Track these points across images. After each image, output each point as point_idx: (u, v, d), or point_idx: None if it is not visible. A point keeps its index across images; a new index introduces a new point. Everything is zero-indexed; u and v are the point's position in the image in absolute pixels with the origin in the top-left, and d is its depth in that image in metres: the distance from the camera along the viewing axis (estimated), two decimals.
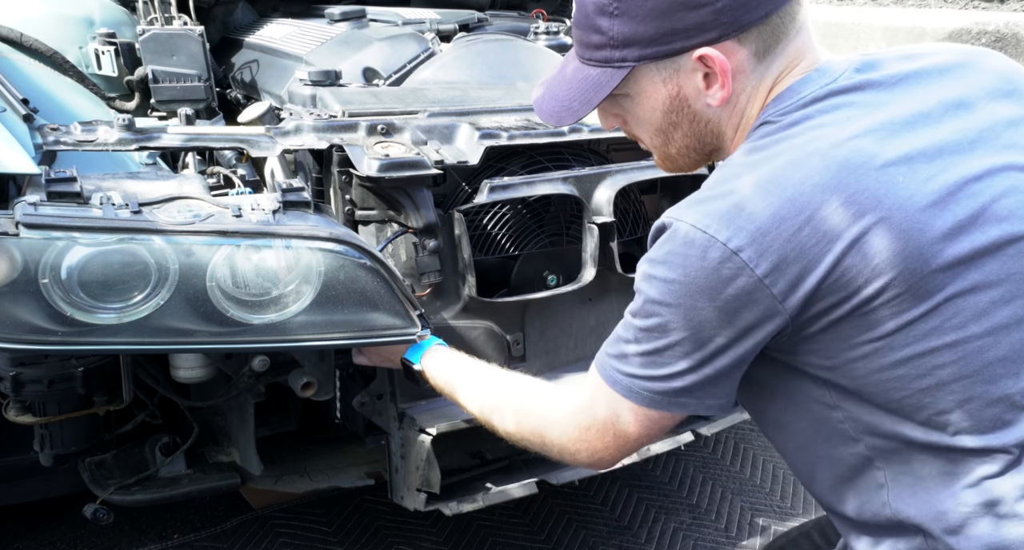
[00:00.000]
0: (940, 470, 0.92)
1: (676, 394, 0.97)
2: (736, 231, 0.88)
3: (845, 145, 0.90)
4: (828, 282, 0.87)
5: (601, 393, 1.03)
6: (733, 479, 2.45)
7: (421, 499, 1.61)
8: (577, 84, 1.05)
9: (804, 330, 0.91)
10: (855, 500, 0.99)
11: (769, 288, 0.88)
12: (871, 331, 0.89)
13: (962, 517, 0.91)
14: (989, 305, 0.89)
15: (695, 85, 0.99)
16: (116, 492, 1.65)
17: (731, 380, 0.97)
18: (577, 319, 1.80)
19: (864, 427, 0.95)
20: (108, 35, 2.07)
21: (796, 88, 0.97)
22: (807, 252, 0.87)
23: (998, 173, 0.92)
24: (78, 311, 1.21)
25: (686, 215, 0.92)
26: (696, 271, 0.90)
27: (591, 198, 1.71)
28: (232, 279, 1.27)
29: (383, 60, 1.99)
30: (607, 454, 1.07)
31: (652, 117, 1.05)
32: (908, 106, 0.95)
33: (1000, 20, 4.12)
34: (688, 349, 0.94)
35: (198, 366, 1.53)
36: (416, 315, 1.38)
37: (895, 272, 0.86)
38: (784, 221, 0.87)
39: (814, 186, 0.88)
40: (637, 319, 0.97)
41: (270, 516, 2.21)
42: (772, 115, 0.97)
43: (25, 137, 1.40)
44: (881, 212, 0.87)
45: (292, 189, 1.37)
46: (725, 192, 0.91)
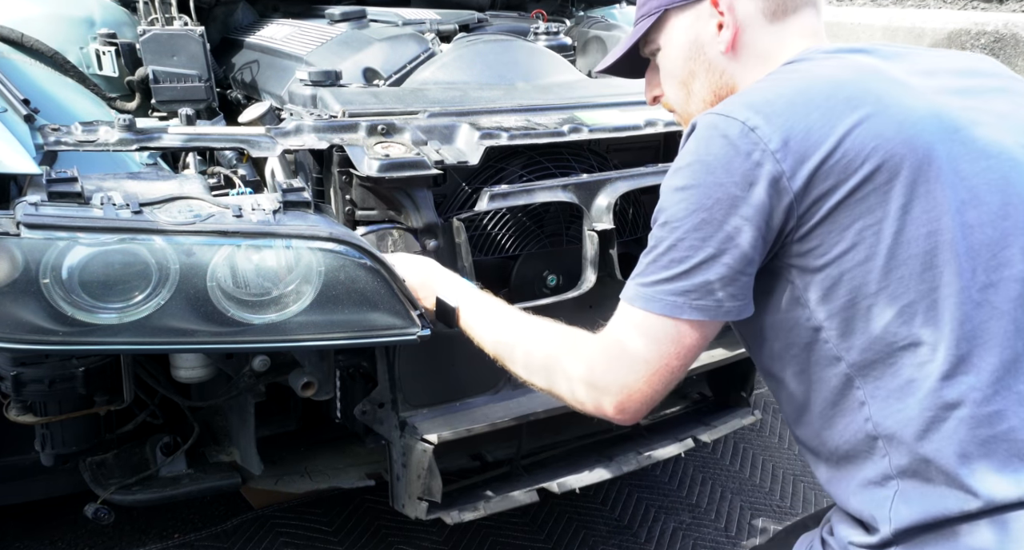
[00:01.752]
0: (908, 377, 1.00)
1: (698, 294, 1.01)
2: (754, 113, 0.99)
3: (856, 61, 1.07)
4: (829, 162, 0.97)
5: (624, 316, 1.07)
6: (733, 479, 2.45)
7: (422, 507, 1.61)
8: (624, 40, 1.27)
9: (804, 222, 0.99)
10: (840, 424, 1.06)
11: (779, 163, 0.97)
12: (863, 218, 0.98)
13: (927, 421, 0.98)
14: (960, 204, 0.99)
15: (710, 31, 1.15)
16: (117, 492, 1.65)
17: (747, 277, 1.02)
18: (578, 325, 1.79)
19: (845, 341, 1.02)
20: (109, 35, 2.07)
21: (811, 49, 1.12)
22: (813, 133, 0.97)
23: (977, 110, 1.05)
24: (79, 311, 1.21)
25: (712, 109, 1.03)
26: (716, 147, 0.99)
27: (591, 205, 1.71)
28: (232, 279, 1.28)
29: (383, 60, 1.99)
30: (637, 389, 1.05)
31: (676, 67, 1.20)
32: (910, 66, 1.09)
33: (999, 20, 4.13)
34: (706, 233, 0.99)
35: (198, 366, 1.53)
36: (416, 315, 1.38)
37: (885, 157, 0.97)
38: (795, 106, 0.99)
39: (824, 81, 1.02)
40: (659, 217, 1.04)
41: (270, 516, 2.21)
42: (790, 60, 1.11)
43: (26, 137, 1.40)
44: (880, 106, 0.99)
45: (292, 189, 1.37)
46: (750, 91, 1.05)
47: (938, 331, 0.98)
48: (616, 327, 1.09)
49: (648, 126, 1.78)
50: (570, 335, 1.17)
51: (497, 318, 1.29)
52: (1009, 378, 0.98)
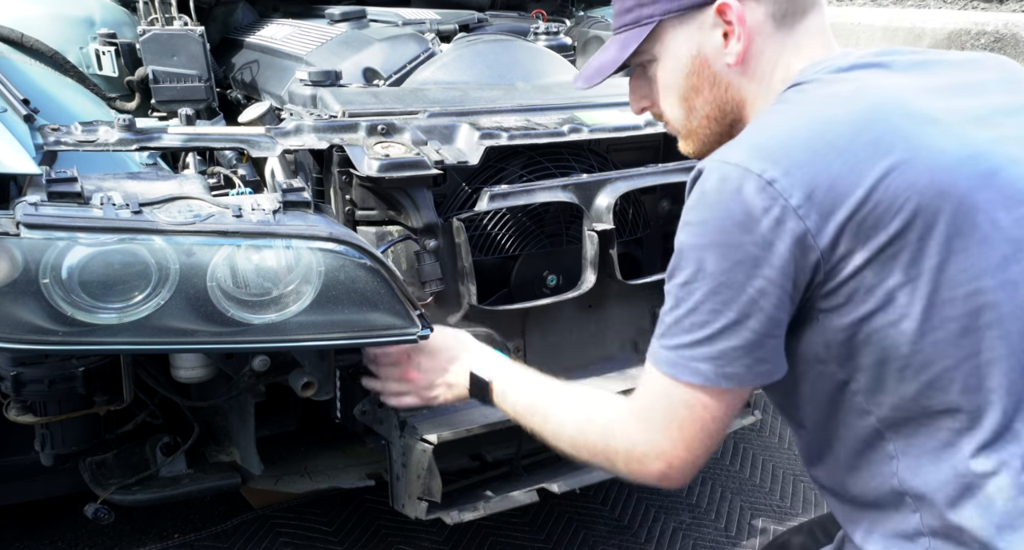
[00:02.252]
0: (943, 441, 0.93)
1: (725, 360, 0.94)
2: (771, 164, 0.89)
3: (875, 91, 0.95)
4: (859, 215, 0.88)
5: (653, 379, 1.01)
6: (733, 479, 2.45)
7: (422, 507, 1.61)
8: (611, 50, 1.12)
9: (832, 278, 0.91)
10: (865, 473, 1.00)
11: (803, 220, 0.88)
12: (893, 277, 0.90)
13: (961, 488, 0.92)
14: (1001, 259, 0.90)
15: (715, 43, 1.04)
16: (117, 492, 1.65)
17: (775, 339, 0.95)
18: (577, 326, 1.80)
19: (875, 397, 0.95)
20: (109, 35, 2.07)
21: (820, 63, 1.02)
22: (838, 184, 0.88)
23: (1010, 143, 0.96)
24: (79, 311, 1.21)
25: (720, 155, 0.94)
26: (731, 204, 0.90)
27: (591, 205, 1.71)
28: (232, 279, 1.27)
29: (383, 60, 1.99)
30: (676, 456, 1.01)
31: (675, 81, 1.09)
32: (927, 82, 1.00)
33: (999, 20, 4.13)
34: (728, 297, 0.92)
35: (198, 366, 1.53)
36: (416, 315, 1.38)
37: (918, 209, 0.88)
38: (816, 154, 0.90)
39: (844, 122, 0.91)
40: (676, 276, 0.96)
41: (270, 516, 2.21)
42: (799, 79, 1.01)
43: (26, 137, 1.40)
44: (910, 150, 0.90)
45: (292, 189, 1.37)
46: (757, 132, 0.95)
47: (980, 398, 0.91)
48: (647, 393, 1.03)
49: (648, 126, 1.78)
50: (604, 406, 1.12)
51: (530, 391, 1.25)
52: None
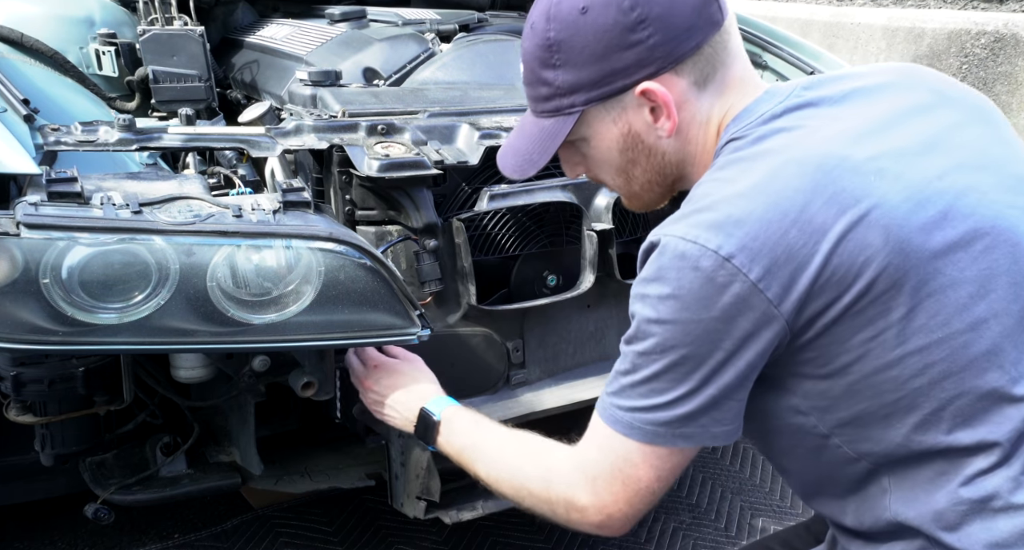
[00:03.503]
0: (937, 471, 0.93)
1: (680, 423, 0.95)
2: (726, 238, 0.89)
3: (816, 150, 0.93)
4: (820, 281, 0.89)
5: (603, 436, 1.01)
6: (733, 479, 2.45)
7: (421, 507, 1.61)
8: (535, 136, 1.10)
9: (801, 337, 0.92)
10: (858, 508, 1.00)
11: (763, 292, 0.89)
12: (862, 331, 0.90)
13: (959, 515, 0.92)
14: (968, 300, 0.91)
15: (643, 120, 1.04)
16: (117, 492, 1.65)
17: (735, 402, 0.96)
18: (576, 325, 1.80)
19: (861, 445, 0.96)
20: (109, 35, 2.07)
21: (752, 108, 1.02)
22: (796, 253, 0.88)
23: (954, 172, 0.95)
24: (79, 311, 1.21)
25: (673, 229, 0.93)
26: (690, 282, 0.90)
27: (590, 205, 1.71)
28: (232, 279, 1.28)
29: (383, 60, 1.99)
30: (617, 509, 1.02)
31: (610, 157, 1.09)
32: (861, 117, 0.99)
33: (1000, 20, 4.12)
34: (689, 368, 0.93)
35: (198, 366, 1.53)
36: (416, 315, 1.38)
37: (880, 267, 0.89)
38: (771, 225, 0.89)
39: (794, 190, 0.90)
40: (634, 344, 0.97)
41: (270, 516, 2.21)
42: (736, 133, 1.01)
43: (26, 137, 1.40)
44: (860, 209, 0.89)
45: (292, 189, 1.37)
46: (709, 204, 0.93)
47: (970, 435, 0.92)
48: (594, 447, 1.03)
49: None
50: (548, 456, 1.12)
51: (477, 436, 1.25)
52: None
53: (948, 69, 4.22)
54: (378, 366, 1.44)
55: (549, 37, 1.02)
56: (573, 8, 0.99)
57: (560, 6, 1.01)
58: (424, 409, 1.33)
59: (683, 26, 0.98)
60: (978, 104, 1.07)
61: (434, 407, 1.33)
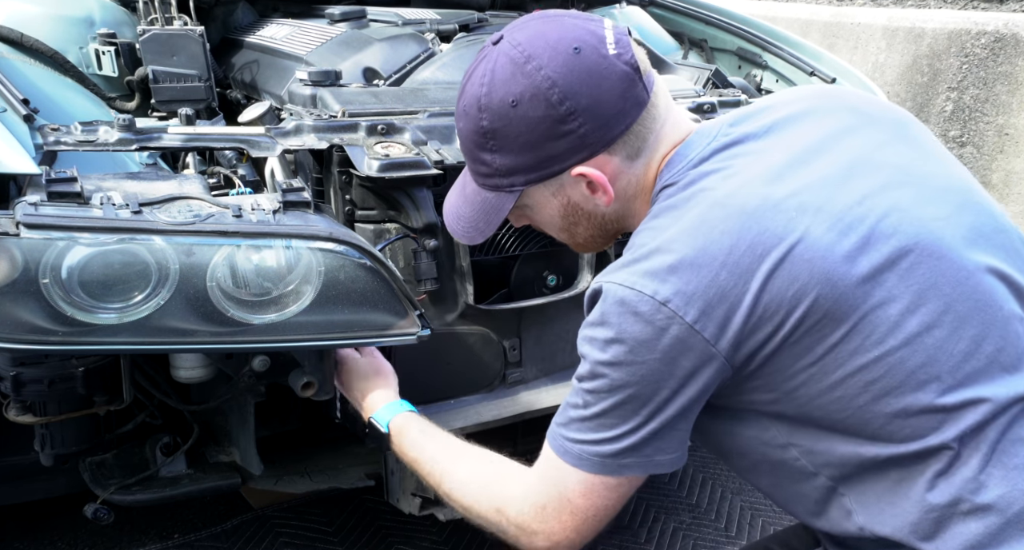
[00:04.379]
0: (895, 482, 0.97)
1: (625, 454, 1.00)
2: (660, 284, 0.94)
3: (739, 194, 0.97)
4: (753, 319, 0.93)
5: (553, 466, 1.05)
6: (733, 479, 2.45)
7: (416, 503, 1.62)
8: (479, 206, 1.15)
9: (743, 370, 0.96)
10: (834, 528, 1.04)
11: (700, 333, 0.93)
12: (803, 359, 0.94)
13: (932, 523, 0.95)
14: (899, 317, 0.94)
15: (581, 193, 1.09)
16: (117, 492, 1.65)
17: (679, 431, 1.01)
18: (573, 325, 1.78)
19: (819, 458, 1.00)
20: (108, 35, 2.06)
21: (682, 152, 1.06)
22: (728, 294, 0.93)
23: (876, 195, 0.98)
24: (78, 311, 1.21)
25: (614, 278, 0.98)
26: (631, 325, 0.95)
27: None
28: (232, 279, 1.28)
29: (383, 60, 1.99)
30: (564, 537, 1.06)
31: (552, 221, 1.15)
32: (784, 151, 1.02)
33: (1000, 20, 4.12)
34: (635, 406, 0.98)
35: (198, 366, 1.53)
36: (416, 315, 1.38)
37: (810, 299, 0.92)
38: (701, 269, 0.94)
39: (721, 233, 0.94)
40: (584, 383, 1.01)
41: (270, 516, 2.21)
42: (669, 179, 1.05)
43: (25, 137, 1.40)
44: (784, 247, 0.93)
45: (292, 189, 1.37)
46: (644, 254, 0.98)
47: (920, 443, 0.95)
48: (544, 476, 1.07)
49: None
50: (500, 479, 1.15)
51: (429, 449, 1.27)
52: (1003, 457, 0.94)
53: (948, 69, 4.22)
54: (345, 365, 1.46)
55: (483, 125, 1.06)
56: (503, 101, 1.03)
57: (491, 97, 1.04)
58: (371, 420, 1.37)
59: (611, 113, 1.02)
60: (900, 120, 1.10)
61: (382, 417, 1.35)
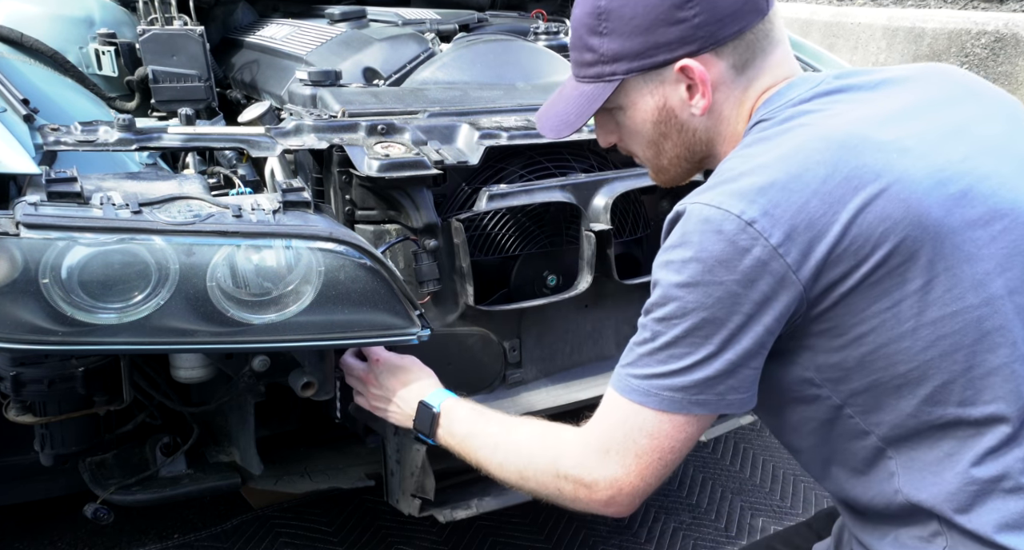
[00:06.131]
0: (946, 451, 0.95)
1: (697, 389, 0.97)
2: (748, 205, 0.92)
3: (842, 129, 0.97)
4: (837, 251, 0.91)
5: (616, 407, 1.02)
6: (733, 479, 2.45)
7: (415, 504, 1.62)
8: (574, 100, 1.14)
9: (816, 306, 0.94)
10: (869, 491, 1.02)
11: (783, 257, 0.91)
12: (878, 302, 0.93)
13: (971, 496, 0.94)
14: (983, 276, 0.93)
15: (679, 96, 1.07)
16: (116, 492, 1.65)
17: (751, 370, 0.97)
18: (573, 325, 1.80)
19: (873, 417, 0.98)
20: (108, 35, 2.07)
21: (783, 92, 1.06)
22: (816, 222, 0.91)
23: (977, 157, 0.98)
24: (78, 311, 1.21)
25: (699, 198, 0.96)
26: (713, 244, 0.93)
27: (588, 205, 1.71)
28: (232, 279, 1.27)
29: (383, 60, 1.99)
30: (628, 483, 1.02)
31: (643, 129, 1.13)
32: (889, 104, 1.03)
33: (999, 20, 4.12)
34: (708, 332, 0.95)
35: (198, 366, 1.53)
36: (416, 315, 1.38)
37: (898, 239, 0.91)
38: (793, 194, 0.92)
39: (817, 163, 0.94)
40: (654, 311, 0.99)
41: (270, 516, 2.21)
42: (765, 114, 1.04)
43: (25, 137, 1.40)
44: (881, 184, 0.92)
45: (292, 189, 1.37)
46: (735, 176, 0.96)
47: (979, 409, 0.94)
48: (606, 419, 1.04)
49: None
50: (556, 434, 1.13)
51: (480, 422, 1.26)
52: None
53: None
54: (379, 361, 1.45)
55: (600, 5, 1.06)
56: None
57: None
58: (423, 402, 1.34)
59: (728, 10, 1.02)
60: (1007, 103, 1.10)
61: (433, 400, 1.34)
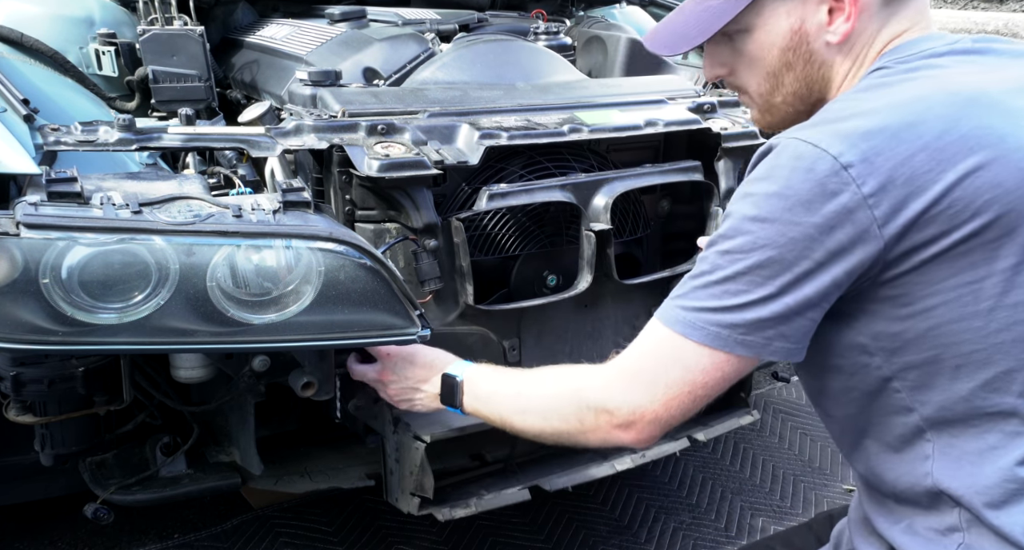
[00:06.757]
0: (991, 444, 0.91)
1: (746, 329, 0.91)
2: (849, 147, 0.86)
3: (971, 85, 0.90)
4: (932, 211, 0.85)
5: (656, 336, 0.97)
6: (733, 479, 2.45)
7: (415, 503, 1.62)
8: (697, 15, 1.04)
9: (893, 268, 0.88)
10: (897, 468, 0.98)
11: (872, 209, 0.85)
12: (961, 274, 0.87)
13: (1007, 493, 0.90)
14: None
15: (819, 19, 0.99)
16: (117, 492, 1.65)
17: (807, 321, 0.91)
18: (573, 325, 1.80)
19: (922, 395, 0.93)
20: (108, 35, 2.07)
21: (916, 42, 0.98)
22: (917, 177, 0.85)
23: None
24: (78, 311, 1.21)
25: (798, 134, 0.90)
26: (800, 182, 0.87)
27: (588, 205, 1.71)
28: (232, 279, 1.27)
29: (383, 60, 1.99)
30: (651, 411, 0.97)
31: (767, 56, 1.03)
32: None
33: (1000, 20, 4.13)
34: (772, 272, 0.89)
35: (198, 366, 1.53)
36: (416, 315, 1.38)
37: (1001, 211, 0.85)
38: (901, 144, 0.86)
39: (936, 116, 0.87)
40: (720, 243, 0.93)
41: (270, 516, 2.21)
42: (889, 62, 0.97)
43: (25, 137, 1.40)
44: (1002, 149, 0.86)
45: (292, 189, 1.37)
46: (842, 116, 0.90)
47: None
48: (641, 348, 0.99)
49: (648, 126, 1.78)
50: (579, 368, 1.10)
51: (503, 378, 1.24)
52: None
53: None
54: (390, 355, 1.43)
55: None
56: None
57: None
58: (445, 374, 1.33)
59: None
60: None
61: (455, 370, 1.33)
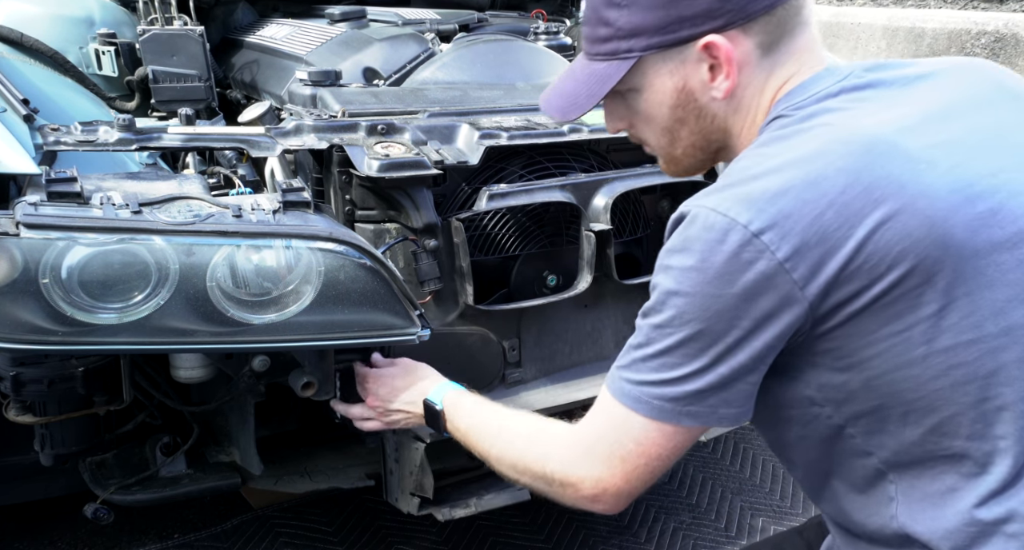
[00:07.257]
0: (949, 486, 0.91)
1: (688, 400, 0.93)
2: (757, 213, 0.86)
3: (868, 132, 0.90)
4: (850, 268, 0.85)
5: (608, 409, 0.99)
6: (733, 479, 2.45)
7: (414, 503, 1.62)
8: (584, 79, 1.05)
9: (822, 324, 0.89)
10: (863, 512, 0.98)
11: (789, 273, 0.85)
12: (889, 325, 0.87)
13: (970, 537, 0.89)
14: (1005, 304, 0.87)
15: (701, 77, 0.99)
16: (116, 492, 1.65)
17: (747, 385, 0.93)
18: (573, 325, 1.80)
19: (875, 439, 0.93)
20: (108, 35, 2.07)
21: (807, 85, 0.98)
22: (829, 236, 0.85)
23: (1011, 171, 0.92)
24: (78, 311, 1.21)
25: (706, 201, 0.90)
26: (715, 255, 0.87)
27: (588, 205, 1.71)
28: (232, 279, 1.28)
29: (383, 60, 1.99)
30: (612, 484, 1.01)
31: (659, 113, 1.04)
32: (921, 104, 0.95)
33: (1000, 20, 4.13)
34: (703, 344, 0.90)
35: (198, 366, 1.53)
36: (416, 315, 1.38)
37: (917, 259, 0.85)
38: (807, 204, 0.85)
39: (837, 170, 0.86)
40: (650, 316, 0.94)
41: (270, 516, 2.21)
42: (786, 110, 0.97)
43: (25, 137, 1.40)
44: (905, 198, 0.85)
45: (292, 189, 1.37)
46: (746, 178, 0.90)
47: (988, 445, 0.89)
48: (596, 419, 1.02)
49: None
50: (547, 430, 1.12)
51: (479, 417, 1.25)
52: None
53: None
54: (366, 378, 1.45)
55: None
56: None
57: None
58: (426, 401, 1.34)
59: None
60: None
61: (435, 397, 1.33)
